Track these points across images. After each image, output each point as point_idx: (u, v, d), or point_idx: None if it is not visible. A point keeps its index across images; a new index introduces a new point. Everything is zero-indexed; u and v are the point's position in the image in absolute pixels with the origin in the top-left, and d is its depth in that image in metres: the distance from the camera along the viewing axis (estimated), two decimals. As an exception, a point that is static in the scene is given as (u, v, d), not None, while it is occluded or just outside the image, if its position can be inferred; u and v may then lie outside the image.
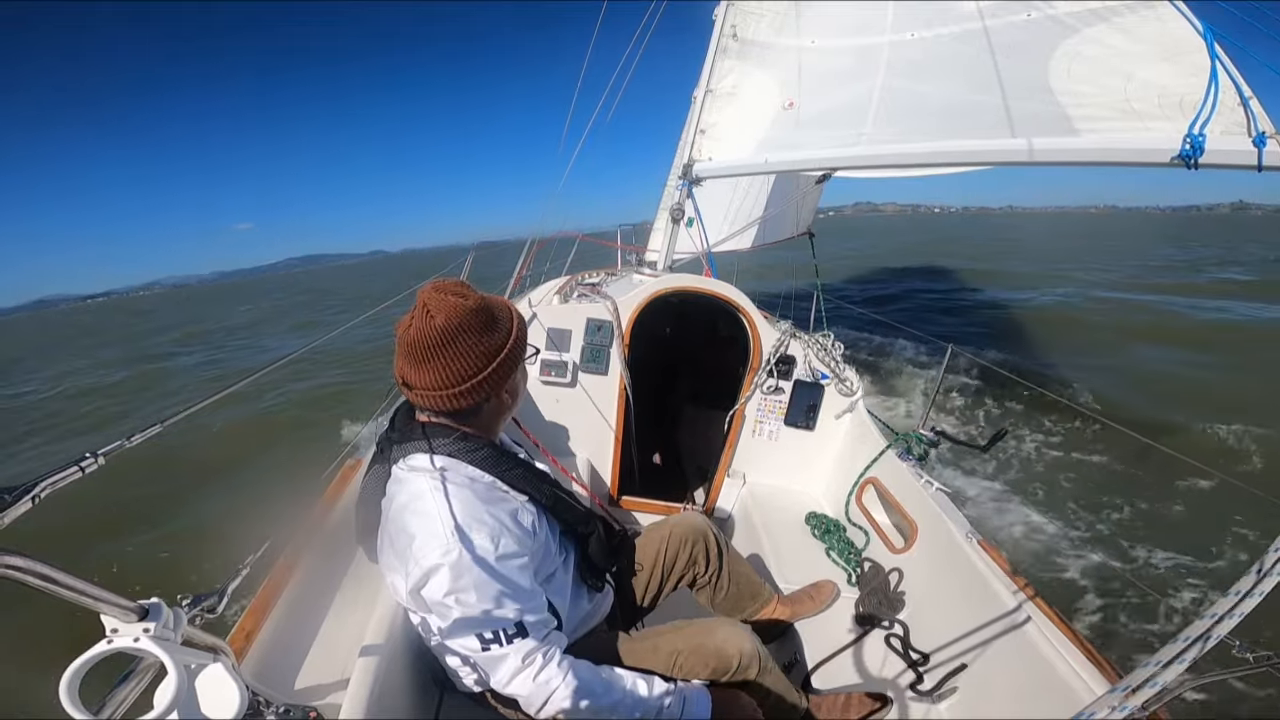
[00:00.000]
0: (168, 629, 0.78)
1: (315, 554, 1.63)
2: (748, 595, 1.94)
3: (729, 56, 3.61)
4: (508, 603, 1.11)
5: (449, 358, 1.12)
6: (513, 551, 1.15)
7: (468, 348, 1.13)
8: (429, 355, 1.12)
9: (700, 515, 1.91)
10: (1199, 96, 1.59)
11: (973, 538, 1.96)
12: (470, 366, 1.14)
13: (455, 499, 1.13)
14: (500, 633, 1.11)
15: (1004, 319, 13.18)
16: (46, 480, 0.74)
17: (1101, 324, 12.26)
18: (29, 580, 0.64)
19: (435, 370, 1.13)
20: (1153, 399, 7.96)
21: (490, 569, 1.10)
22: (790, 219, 5.83)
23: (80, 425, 10.83)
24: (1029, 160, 1.93)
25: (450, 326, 1.11)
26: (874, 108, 2.72)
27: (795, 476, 2.91)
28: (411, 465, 1.18)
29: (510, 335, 1.20)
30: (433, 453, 1.17)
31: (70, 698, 0.69)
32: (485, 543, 1.11)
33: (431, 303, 1.13)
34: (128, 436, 1.04)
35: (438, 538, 1.08)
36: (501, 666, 1.13)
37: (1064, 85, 1.99)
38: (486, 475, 1.21)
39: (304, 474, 2.13)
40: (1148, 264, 23.78)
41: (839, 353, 2.79)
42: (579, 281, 3.72)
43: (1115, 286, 17.21)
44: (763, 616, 1.98)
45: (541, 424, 2.88)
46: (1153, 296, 15.22)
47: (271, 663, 1.33)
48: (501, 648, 1.11)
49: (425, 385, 1.14)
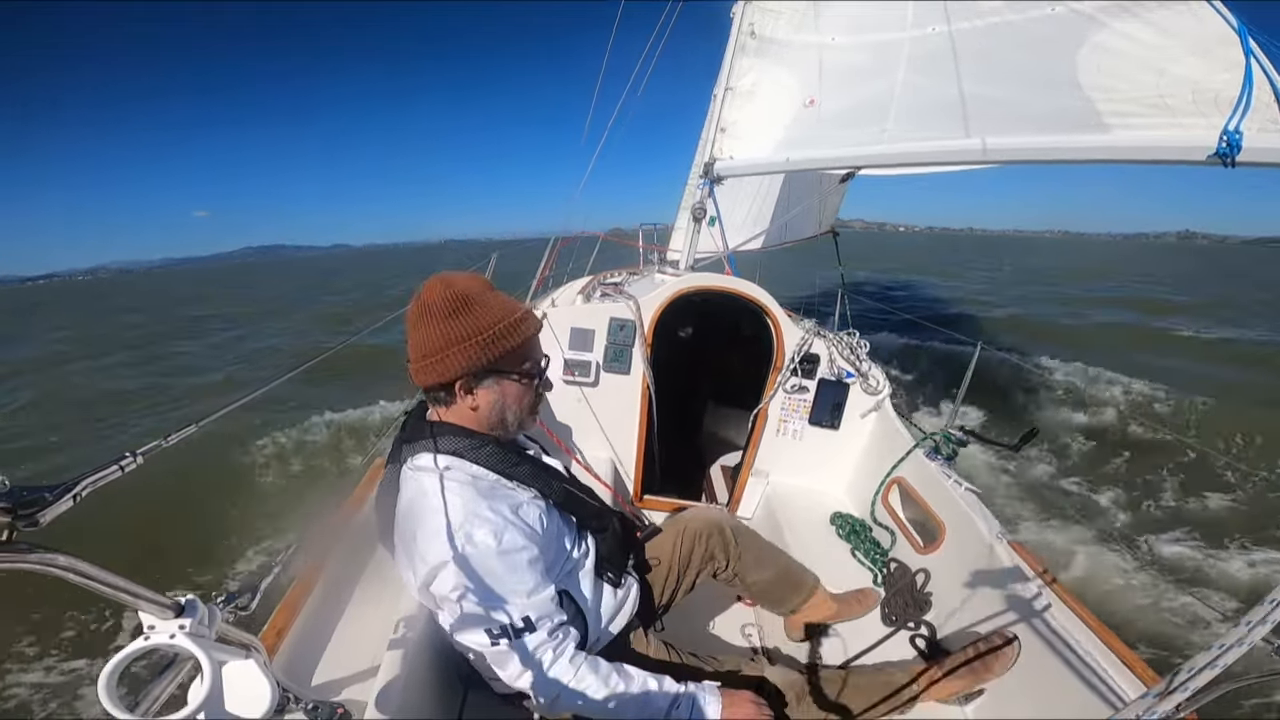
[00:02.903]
0: (203, 626, 0.80)
1: (343, 552, 1.68)
2: (788, 586, 1.92)
3: (748, 55, 3.59)
4: (513, 598, 1.14)
5: (424, 329, 1.22)
6: (518, 546, 1.17)
7: (439, 324, 1.21)
8: (412, 326, 1.24)
9: (717, 508, 1.92)
10: (1234, 92, 1.55)
11: (1003, 538, 1.93)
12: (433, 342, 1.22)
13: (458, 496, 1.17)
14: (507, 628, 1.13)
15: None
16: (88, 479, 0.76)
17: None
18: (70, 578, 0.66)
19: (414, 342, 1.24)
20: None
21: (494, 564, 1.13)
22: (813, 218, 5.78)
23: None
24: (1058, 158, 1.90)
25: (432, 301, 1.22)
26: (895, 105, 2.69)
27: (820, 476, 2.90)
28: (417, 465, 1.23)
29: (479, 329, 1.22)
30: (437, 451, 1.22)
31: (108, 693, 0.72)
32: (488, 538, 1.14)
33: (430, 283, 1.25)
34: (165, 436, 1.07)
35: (441, 534, 1.12)
36: (510, 662, 1.15)
37: (1093, 80, 1.95)
38: (490, 473, 1.25)
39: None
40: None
41: (864, 351, 2.77)
42: (601, 281, 3.75)
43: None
44: (809, 610, 1.95)
45: (564, 423, 2.91)
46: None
47: (301, 659, 1.38)
48: (509, 642, 1.14)
49: (409, 356, 1.25)
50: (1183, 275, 34.48)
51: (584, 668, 1.19)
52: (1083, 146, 1.87)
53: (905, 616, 2.06)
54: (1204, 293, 23.66)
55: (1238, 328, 14.76)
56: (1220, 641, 0.76)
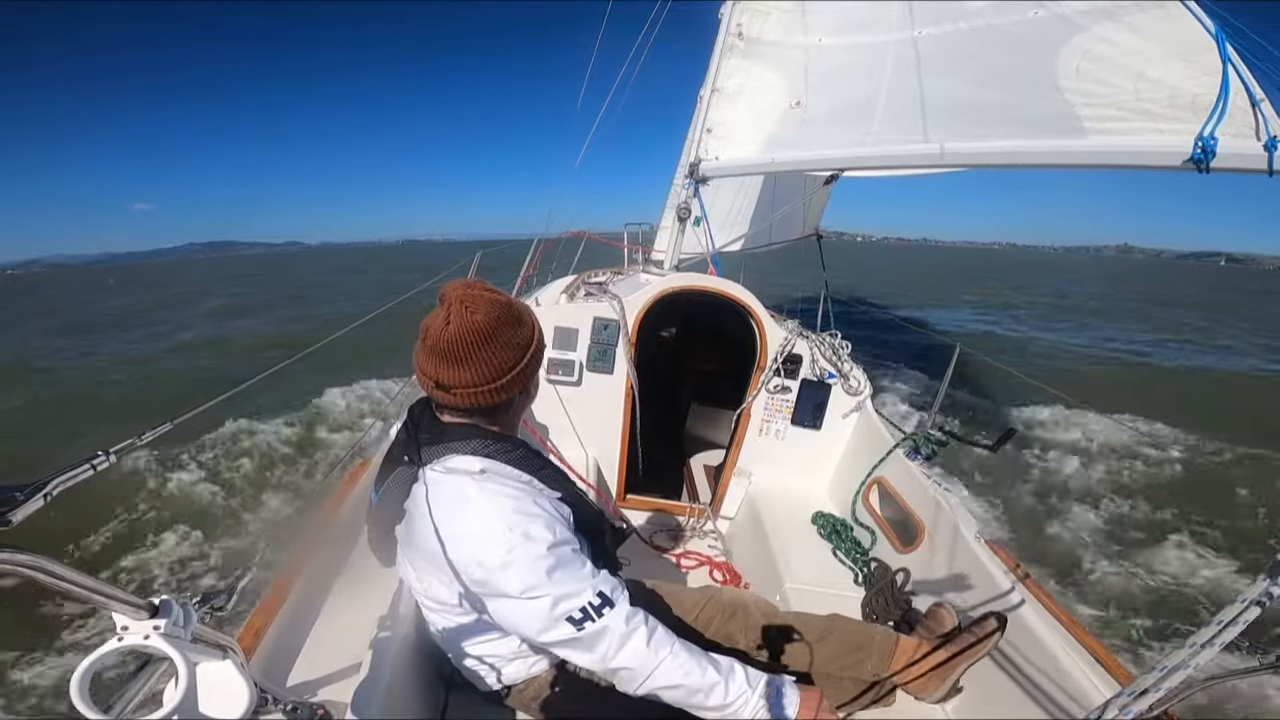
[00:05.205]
0: (178, 626, 0.78)
1: (324, 553, 1.65)
2: (852, 648, 1.67)
3: (735, 55, 3.60)
4: (581, 583, 1.12)
5: (492, 351, 1.14)
6: (567, 538, 1.17)
7: (507, 341, 1.15)
8: (473, 351, 1.12)
9: (749, 592, 1.79)
10: (1211, 97, 1.57)
11: (981, 538, 1.96)
12: (510, 359, 1.16)
13: (505, 497, 1.14)
14: (588, 608, 1.10)
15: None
16: (59, 478, 0.74)
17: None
18: (41, 578, 0.64)
19: (478, 366, 1.13)
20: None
21: (556, 555, 1.11)
22: (798, 220, 5.81)
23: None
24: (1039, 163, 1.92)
25: (490, 320, 1.13)
26: (881, 106, 2.71)
27: (802, 476, 2.91)
28: (450, 467, 1.18)
29: (534, 328, 1.23)
30: (473, 454, 1.18)
31: (81, 695, 0.70)
32: (544, 532, 1.12)
33: (468, 300, 1.14)
34: (139, 434, 1.05)
35: (496, 536, 1.10)
36: (603, 640, 1.11)
37: (1073, 84, 1.97)
38: (525, 474, 1.23)
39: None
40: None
41: (846, 352, 2.79)
42: (585, 280, 3.73)
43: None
44: (899, 667, 1.69)
45: (548, 423, 2.89)
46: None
47: (280, 660, 1.36)
48: (596, 622, 1.10)
49: (465, 383, 1.14)
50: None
51: (677, 642, 1.15)
52: (1062, 151, 1.90)
53: (886, 615, 2.07)
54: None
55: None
56: (1193, 641, 0.77)
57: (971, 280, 33.13)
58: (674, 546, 2.83)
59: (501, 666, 1.34)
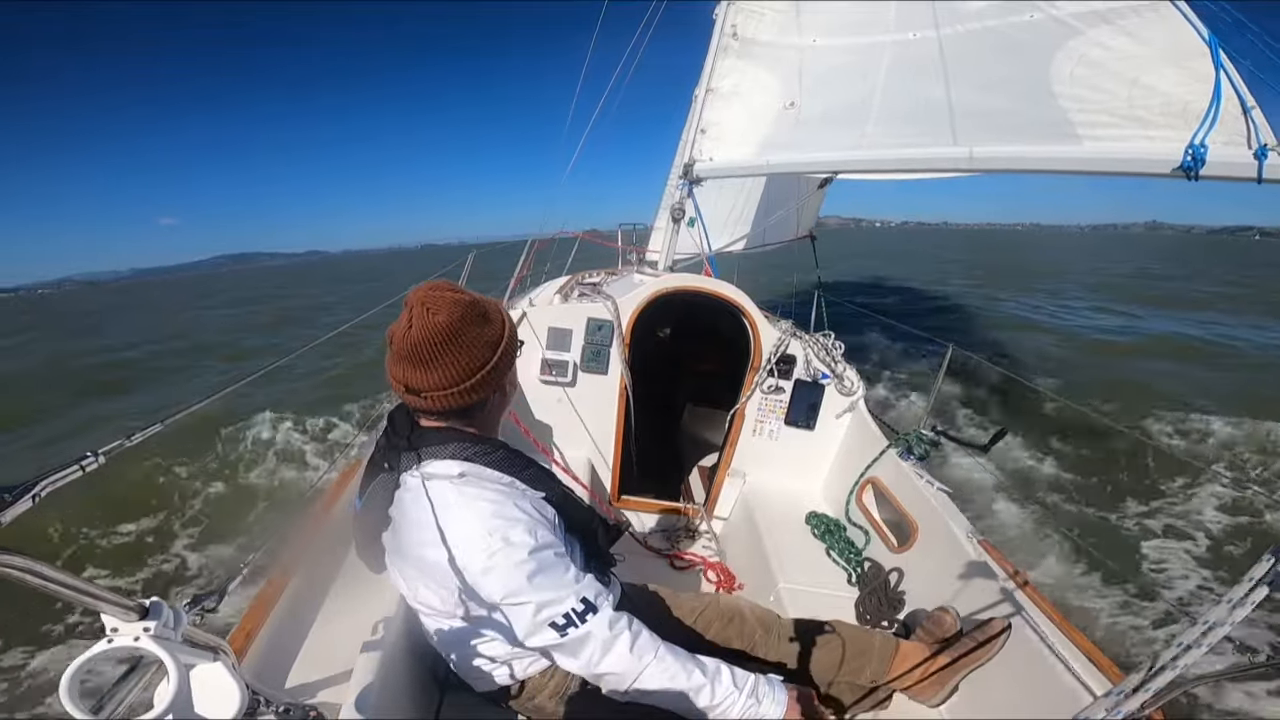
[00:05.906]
0: (168, 628, 0.78)
1: (315, 554, 1.64)
2: (851, 654, 1.65)
3: (729, 56, 3.60)
4: (564, 588, 1.12)
5: (458, 352, 1.11)
6: (549, 541, 1.16)
7: (474, 340, 1.13)
8: (436, 353, 1.10)
9: (747, 600, 1.79)
10: (1203, 104, 1.59)
11: (974, 537, 1.97)
12: (478, 359, 1.14)
13: (485, 500, 1.13)
14: (571, 614, 1.10)
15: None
16: (47, 479, 0.74)
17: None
18: (29, 580, 0.64)
19: (445, 368, 1.11)
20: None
21: (537, 560, 1.10)
22: (792, 221, 5.82)
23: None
24: (1030, 168, 1.93)
25: (453, 321, 1.11)
26: (875, 109, 2.72)
27: (796, 476, 2.92)
28: (428, 473, 1.16)
29: (504, 325, 1.21)
30: (451, 458, 1.16)
31: (70, 697, 0.70)
32: (525, 537, 1.11)
33: (429, 301, 1.12)
34: (128, 435, 1.04)
35: (476, 541, 1.09)
36: (587, 646, 1.11)
37: (1067, 89, 1.98)
38: (505, 476, 1.21)
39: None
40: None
41: (839, 352, 2.80)
42: (580, 281, 3.72)
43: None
44: (899, 673, 1.70)
45: (542, 423, 2.89)
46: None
47: (271, 662, 1.35)
48: (580, 628, 1.10)
49: (434, 385, 1.12)
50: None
51: (662, 645, 1.15)
52: (1055, 158, 1.91)
53: (879, 616, 2.08)
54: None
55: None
56: (1181, 640, 0.78)
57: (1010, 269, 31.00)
58: (669, 547, 2.83)
59: (496, 668, 1.33)
